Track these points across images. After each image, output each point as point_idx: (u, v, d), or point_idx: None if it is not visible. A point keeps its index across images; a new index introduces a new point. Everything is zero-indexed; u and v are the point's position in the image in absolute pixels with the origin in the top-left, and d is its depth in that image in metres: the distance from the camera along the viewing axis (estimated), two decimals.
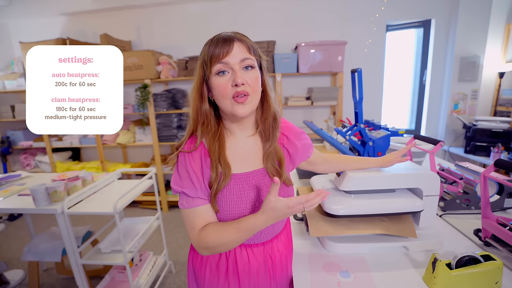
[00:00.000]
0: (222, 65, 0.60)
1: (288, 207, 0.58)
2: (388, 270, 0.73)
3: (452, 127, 2.78)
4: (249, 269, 0.68)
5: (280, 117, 0.72)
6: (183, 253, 2.18)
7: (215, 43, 0.60)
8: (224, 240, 0.61)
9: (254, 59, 0.62)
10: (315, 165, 0.85)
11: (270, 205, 0.58)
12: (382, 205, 0.78)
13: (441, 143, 1.00)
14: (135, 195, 1.56)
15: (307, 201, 0.58)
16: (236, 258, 0.68)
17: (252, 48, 0.62)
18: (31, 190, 1.33)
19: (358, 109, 1.27)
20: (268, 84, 0.67)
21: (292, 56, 2.56)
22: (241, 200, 0.65)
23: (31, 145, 3.09)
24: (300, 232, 0.94)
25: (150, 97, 2.69)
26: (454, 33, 2.58)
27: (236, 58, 0.59)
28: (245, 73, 0.60)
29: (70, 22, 3.08)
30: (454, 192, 1.08)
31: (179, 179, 0.64)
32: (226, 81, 0.60)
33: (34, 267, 1.66)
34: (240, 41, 0.61)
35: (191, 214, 0.64)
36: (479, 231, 0.84)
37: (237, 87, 0.59)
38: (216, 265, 0.69)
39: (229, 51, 0.59)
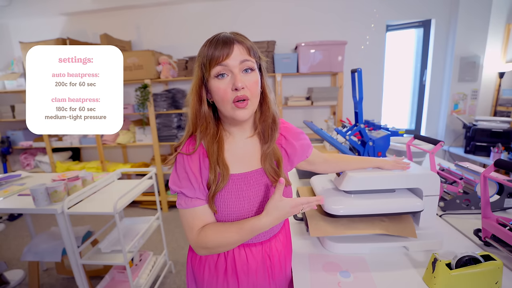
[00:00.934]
0: (222, 68, 0.59)
1: (291, 206, 0.61)
2: (388, 270, 0.73)
3: (452, 127, 2.78)
4: (248, 268, 0.68)
5: (279, 119, 0.72)
6: (183, 253, 2.18)
7: (214, 45, 0.59)
8: (224, 241, 0.62)
9: (254, 61, 0.62)
10: (314, 165, 0.85)
11: (274, 204, 0.60)
12: (382, 205, 0.78)
13: (441, 143, 1.00)
14: (135, 195, 1.56)
15: (308, 202, 0.62)
16: (235, 258, 0.68)
17: (252, 49, 0.62)
18: (31, 190, 1.33)
19: (358, 109, 1.27)
20: (267, 86, 0.67)
21: (292, 56, 2.56)
22: (239, 200, 0.65)
23: (31, 145, 3.09)
24: (300, 232, 0.94)
25: (150, 97, 2.69)
26: (454, 33, 2.58)
27: (236, 60, 0.59)
28: (244, 76, 0.60)
29: (70, 22, 3.08)
30: (454, 192, 1.08)
31: (178, 179, 0.64)
32: (225, 85, 0.59)
33: (34, 267, 1.66)
34: (240, 43, 0.60)
35: (190, 215, 0.64)
36: (479, 231, 0.84)
37: (237, 91, 0.59)
38: (215, 265, 0.69)
39: (229, 54, 0.58)
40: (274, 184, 0.68)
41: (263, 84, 0.66)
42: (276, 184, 0.63)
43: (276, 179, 0.68)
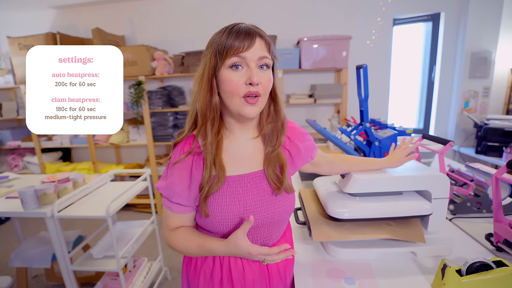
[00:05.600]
0: (239, 59, 0.58)
1: (249, 253, 0.61)
2: (395, 276, 0.73)
3: (463, 126, 2.78)
4: (244, 279, 0.68)
5: (287, 121, 0.71)
6: (179, 259, 2.18)
7: (235, 34, 0.57)
8: (186, 251, 0.68)
9: (271, 58, 0.61)
10: (318, 166, 0.85)
11: (235, 240, 0.61)
12: (389, 208, 0.78)
13: (450, 143, 1.00)
14: (128, 197, 1.56)
15: (269, 254, 0.61)
16: (231, 267, 0.68)
17: (271, 46, 0.61)
18: (19, 192, 1.33)
19: (363, 107, 1.27)
20: (278, 86, 0.66)
21: (294, 52, 2.56)
22: (234, 204, 0.64)
23: (19, 145, 3.09)
24: (303, 236, 0.94)
25: (144, 95, 2.69)
26: (465, 27, 2.58)
27: (256, 54, 0.58)
28: (260, 72, 0.59)
29: (60, 16, 3.08)
30: (465, 194, 1.08)
31: (165, 179, 0.66)
32: (239, 78, 0.58)
33: (23, 274, 1.66)
34: (261, 37, 0.59)
35: (168, 214, 0.69)
36: (491, 236, 0.84)
37: (251, 86, 0.58)
38: (210, 273, 0.69)
39: (251, 46, 0.57)
40: (276, 191, 0.67)
41: (274, 84, 0.65)
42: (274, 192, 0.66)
43: (278, 185, 0.67)
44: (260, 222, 0.66)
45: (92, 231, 1.77)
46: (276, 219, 0.68)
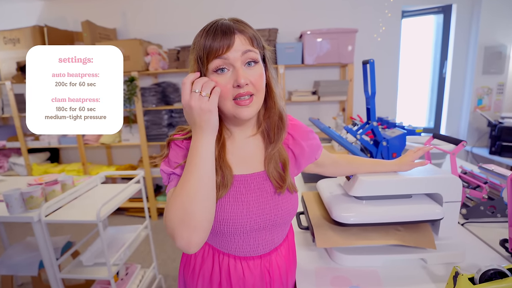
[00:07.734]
0: (222, 61, 0.58)
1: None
2: (403, 285, 0.73)
3: (476, 125, 2.78)
4: (244, 284, 0.68)
5: (287, 115, 0.71)
6: (174, 266, 2.18)
7: (212, 35, 0.57)
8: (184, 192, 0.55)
9: (258, 51, 0.61)
10: (323, 167, 0.85)
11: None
12: (397, 212, 0.78)
13: (463, 143, 1.00)
14: (120, 201, 1.56)
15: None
16: (230, 271, 0.68)
17: (255, 39, 0.61)
18: (4, 195, 1.33)
19: (370, 105, 1.27)
20: (272, 78, 0.66)
21: (297, 46, 2.56)
22: (237, 205, 0.65)
23: (4, 145, 3.09)
24: (306, 242, 0.94)
25: (137, 92, 2.69)
26: (478, 20, 2.58)
27: (237, 52, 0.58)
28: (247, 70, 0.59)
29: (48, 8, 3.08)
30: (478, 198, 1.08)
31: (170, 162, 0.64)
32: (226, 81, 0.58)
33: (8, 282, 1.66)
34: (241, 32, 0.59)
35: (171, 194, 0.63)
36: (506, 242, 0.84)
37: (240, 88, 0.58)
38: (209, 277, 0.69)
39: (230, 45, 0.57)
40: (278, 190, 0.67)
41: (268, 77, 0.65)
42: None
43: (280, 184, 0.67)
44: (262, 224, 0.66)
45: (81, 236, 1.77)
46: (279, 221, 0.68)
